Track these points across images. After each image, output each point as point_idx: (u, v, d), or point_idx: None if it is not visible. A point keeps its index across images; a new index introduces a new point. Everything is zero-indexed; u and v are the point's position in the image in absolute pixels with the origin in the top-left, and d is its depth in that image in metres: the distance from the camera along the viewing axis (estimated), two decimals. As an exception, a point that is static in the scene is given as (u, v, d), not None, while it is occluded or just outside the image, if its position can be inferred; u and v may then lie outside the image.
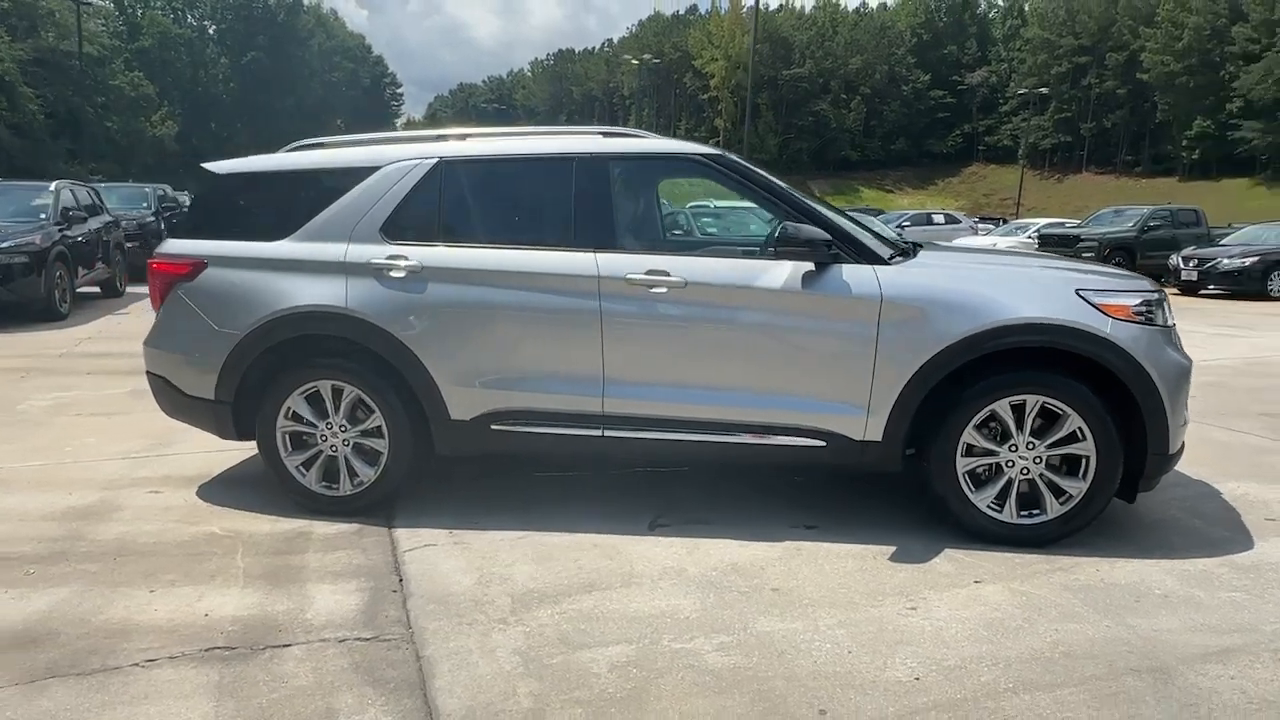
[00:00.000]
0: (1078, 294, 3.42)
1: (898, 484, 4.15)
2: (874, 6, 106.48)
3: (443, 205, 3.78)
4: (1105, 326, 3.35)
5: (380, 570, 3.35)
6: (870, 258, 3.50)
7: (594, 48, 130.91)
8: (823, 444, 3.54)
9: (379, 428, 3.78)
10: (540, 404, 3.67)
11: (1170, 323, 3.55)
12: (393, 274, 3.71)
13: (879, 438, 3.49)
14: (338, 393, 3.79)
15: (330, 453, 3.85)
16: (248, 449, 4.78)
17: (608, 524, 3.77)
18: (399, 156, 3.84)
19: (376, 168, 3.83)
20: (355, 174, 3.85)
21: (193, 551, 3.51)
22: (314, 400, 3.83)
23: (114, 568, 3.35)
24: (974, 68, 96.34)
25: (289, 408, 3.82)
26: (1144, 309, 3.44)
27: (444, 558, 3.45)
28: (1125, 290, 3.49)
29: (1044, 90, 75.21)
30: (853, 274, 3.47)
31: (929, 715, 2.39)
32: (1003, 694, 2.49)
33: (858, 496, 4.13)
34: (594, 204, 3.65)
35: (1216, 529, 3.74)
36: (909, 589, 3.15)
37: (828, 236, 3.45)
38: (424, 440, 3.82)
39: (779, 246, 3.40)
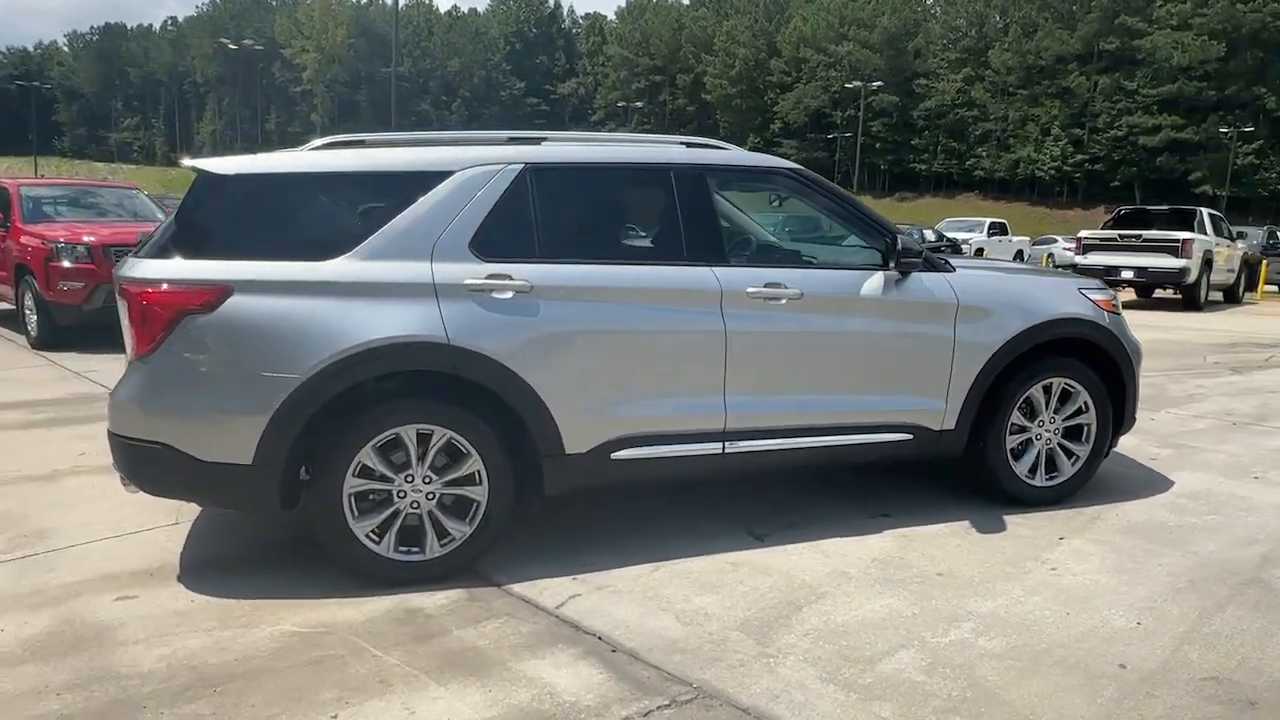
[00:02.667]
0: (1081, 293, 4.17)
1: (906, 468, 4.62)
2: (465, 11, 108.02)
3: (537, 217, 3.37)
4: (1104, 318, 4.14)
5: (562, 633, 2.95)
6: (940, 267, 3.90)
7: (151, 25, 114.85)
8: (910, 437, 3.86)
9: (475, 474, 3.27)
10: (664, 426, 3.48)
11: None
12: (496, 295, 3.24)
13: (952, 426, 3.92)
14: (424, 438, 3.20)
15: (411, 510, 3.24)
16: (162, 517, 3.79)
17: (714, 542, 3.69)
18: (475, 160, 3.34)
19: (448, 173, 3.29)
20: (422, 180, 3.27)
21: (306, 660, 2.75)
22: (389, 450, 3.19)
23: (233, 704, 2.51)
24: (564, 78, 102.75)
25: (359, 463, 3.14)
26: (1115, 303, 4.30)
27: (610, 606, 3.14)
28: (1102, 289, 4.33)
29: (638, 105, 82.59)
30: (931, 281, 3.84)
31: (1186, 650, 2.85)
32: (1202, 620, 3.05)
33: (895, 481, 4.50)
34: (702, 216, 3.55)
35: (1137, 471, 4.80)
36: (1030, 554, 3.62)
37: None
38: (529, 482, 3.39)
39: (903, 258, 3.65)
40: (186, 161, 3.22)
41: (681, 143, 3.74)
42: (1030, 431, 4.12)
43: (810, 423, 3.70)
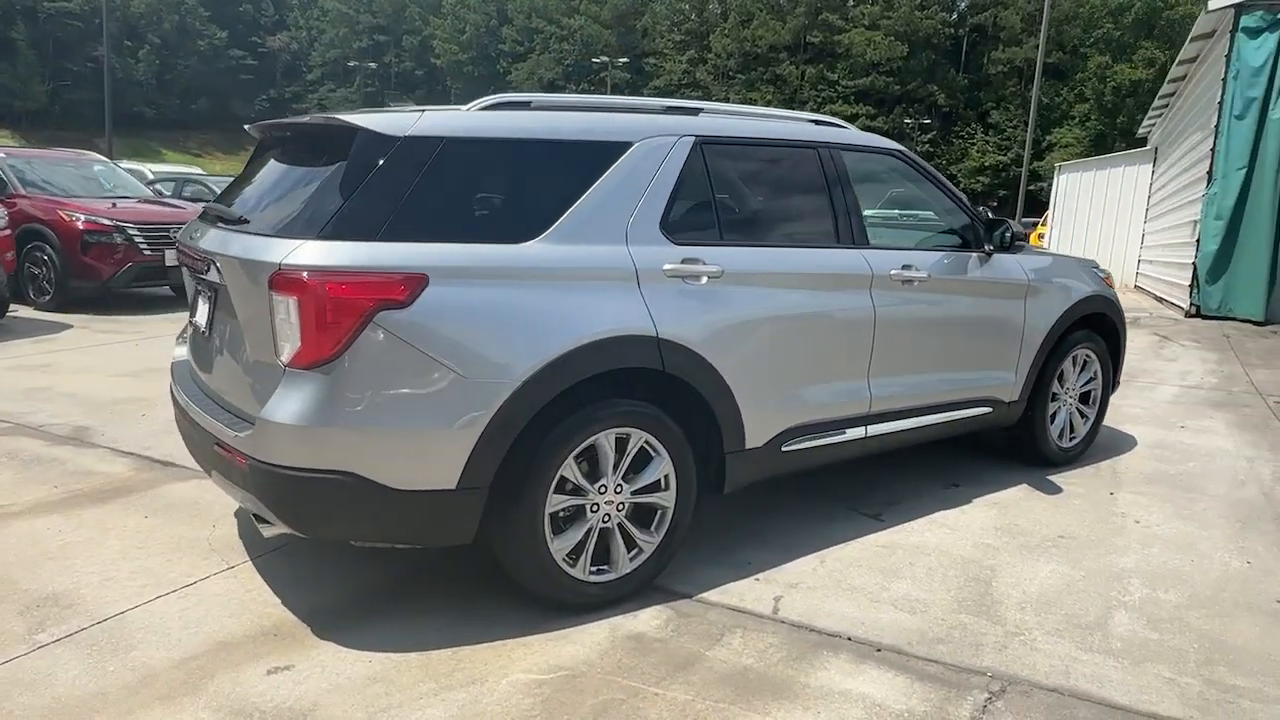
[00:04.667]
0: (1094, 271, 4.62)
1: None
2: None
3: (714, 195, 3.10)
4: (1112, 294, 4.64)
5: (811, 639, 2.79)
6: (1015, 249, 4.13)
7: None
8: (990, 410, 4.09)
9: (664, 479, 2.98)
10: (824, 414, 3.38)
11: (1100, 288, 5.01)
12: (692, 282, 2.94)
13: (1017, 398, 4.20)
14: (621, 444, 2.86)
15: (603, 524, 2.88)
16: (200, 561, 3.12)
17: (843, 528, 3.67)
18: (652, 130, 2.99)
19: (627, 144, 2.93)
20: (605, 151, 2.88)
21: (590, 710, 2.37)
22: (583, 460, 2.81)
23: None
24: (274, 31, 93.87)
25: (561, 476, 2.74)
26: (1112, 280, 4.82)
27: (821, 603, 3.01)
28: (1101, 268, 4.83)
29: (371, 65, 77.47)
30: (1010, 261, 4.06)
31: (1303, 580, 3.33)
32: (1286, 555, 3.57)
33: (937, 453, 4.68)
34: (846, 197, 3.47)
35: (1095, 427, 5.43)
36: (1106, 511, 3.99)
37: (1002, 229, 3.97)
38: (708, 483, 3.15)
39: (1015, 241, 3.80)
40: (341, 116, 2.55)
41: (811, 120, 3.61)
42: (1060, 399, 4.52)
43: (927, 401, 3.79)
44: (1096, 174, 15.87)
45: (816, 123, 3.62)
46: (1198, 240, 9.80)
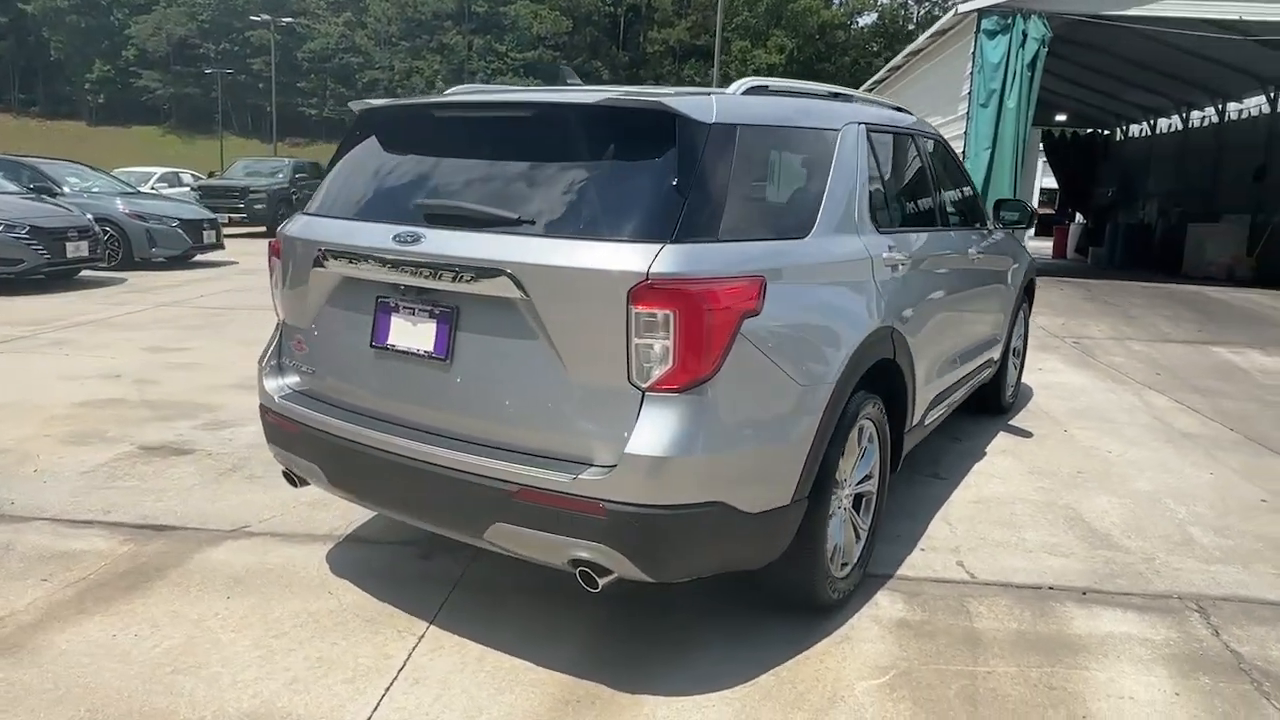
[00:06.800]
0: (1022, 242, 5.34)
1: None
2: None
3: (883, 181, 3.14)
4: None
5: (1033, 596, 3.04)
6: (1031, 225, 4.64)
7: None
8: (989, 370, 4.60)
9: (873, 465, 3.03)
10: (943, 385, 3.62)
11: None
12: (893, 271, 2.99)
13: (998, 357, 4.77)
14: (859, 436, 2.86)
15: (842, 518, 2.87)
16: (364, 641, 2.72)
17: (925, 490, 3.95)
18: (843, 116, 2.95)
19: (837, 130, 2.87)
20: (830, 139, 2.81)
21: (954, 699, 2.39)
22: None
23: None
24: None
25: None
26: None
27: (991, 560, 3.27)
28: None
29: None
30: (1003, 236, 4.57)
31: None
32: (1252, 467, 4.47)
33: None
34: (940, 180, 3.68)
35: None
36: (1079, 448, 4.69)
37: (1010, 209, 4.46)
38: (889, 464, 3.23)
39: (1034, 220, 4.26)
40: (653, 98, 2.17)
41: (893, 107, 3.74)
42: (1015, 356, 5.20)
43: (972, 367, 4.17)
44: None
45: (896, 109, 3.78)
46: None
